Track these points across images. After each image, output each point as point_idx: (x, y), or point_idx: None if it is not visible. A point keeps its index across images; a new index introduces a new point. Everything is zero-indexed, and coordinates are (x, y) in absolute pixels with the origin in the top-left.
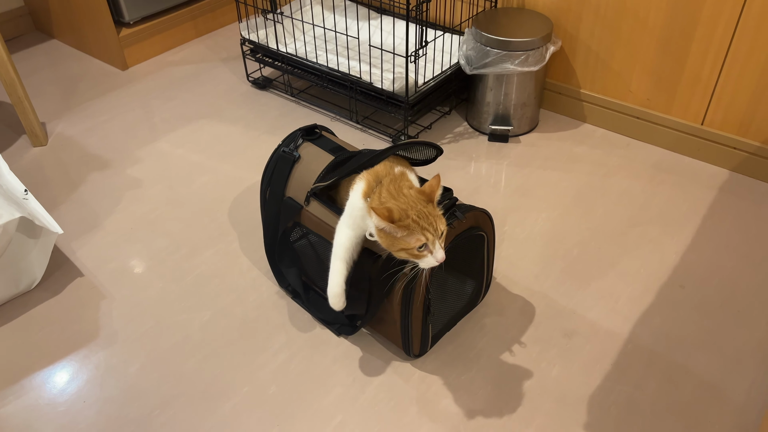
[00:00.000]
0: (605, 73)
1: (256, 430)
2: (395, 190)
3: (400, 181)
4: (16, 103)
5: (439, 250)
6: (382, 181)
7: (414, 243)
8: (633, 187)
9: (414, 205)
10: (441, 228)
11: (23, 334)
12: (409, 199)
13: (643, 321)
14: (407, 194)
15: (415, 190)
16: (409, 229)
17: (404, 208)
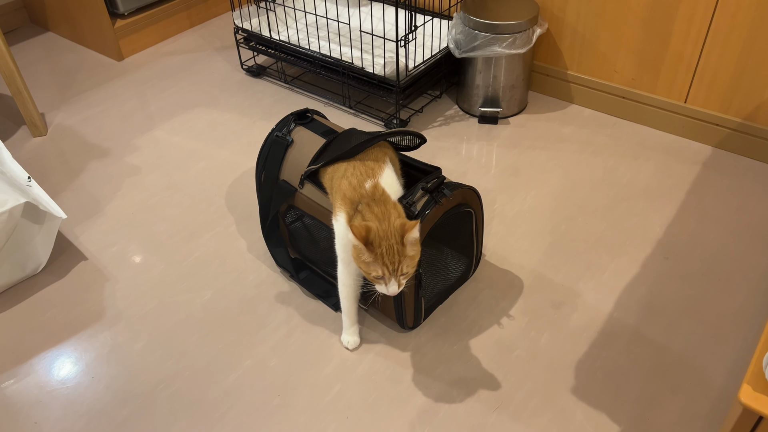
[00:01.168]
0: (591, 54)
1: (258, 400)
2: (382, 214)
3: (386, 204)
4: (16, 94)
5: (393, 285)
6: (362, 202)
7: (372, 271)
8: (619, 165)
9: (388, 239)
10: (404, 270)
11: (31, 315)
12: (389, 230)
13: (629, 291)
14: (392, 223)
15: (399, 222)
16: (374, 258)
17: (381, 237)
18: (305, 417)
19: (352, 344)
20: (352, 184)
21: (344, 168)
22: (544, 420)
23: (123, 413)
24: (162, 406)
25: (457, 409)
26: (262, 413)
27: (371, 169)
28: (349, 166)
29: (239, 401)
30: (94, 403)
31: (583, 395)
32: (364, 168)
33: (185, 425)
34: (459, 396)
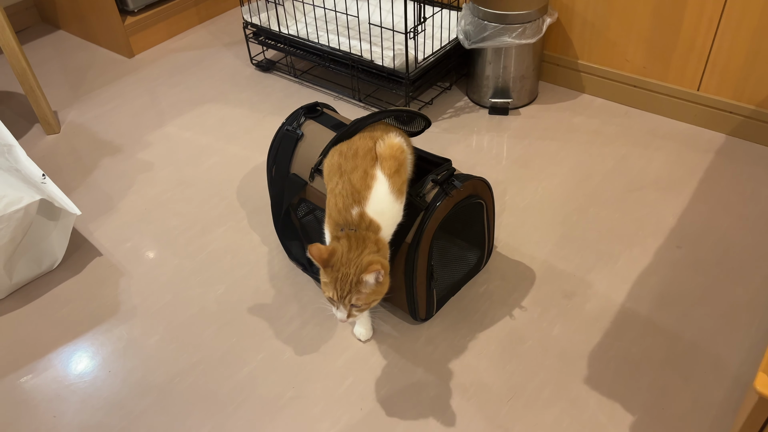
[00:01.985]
0: (601, 43)
1: (272, 392)
2: (357, 245)
3: (367, 239)
4: (29, 92)
5: (341, 312)
6: (345, 228)
7: (325, 291)
8: (631, 154)
9: (348, 267)
10: (354, 302)
11: (48, 311)
12: (353, 260)
13: (641, 280)
14: (360, 256)
15: (367, 259)
16: (329, 280)
17: (342, 263)
18: (319, 409)
19: (364, 336)
20: (338, 206)
21: (336, 180)
22: (557, 410)
23: (140, 406)
24: (178, 398)
25: (470, 401)
26: (276, 405)
27: (358, 193)
28: (341, 181)
29: (253, 393)
30: (111, 397)
31: (596, 385)
32: (352, 190)
33: (201, 417)
34: (471, 387)
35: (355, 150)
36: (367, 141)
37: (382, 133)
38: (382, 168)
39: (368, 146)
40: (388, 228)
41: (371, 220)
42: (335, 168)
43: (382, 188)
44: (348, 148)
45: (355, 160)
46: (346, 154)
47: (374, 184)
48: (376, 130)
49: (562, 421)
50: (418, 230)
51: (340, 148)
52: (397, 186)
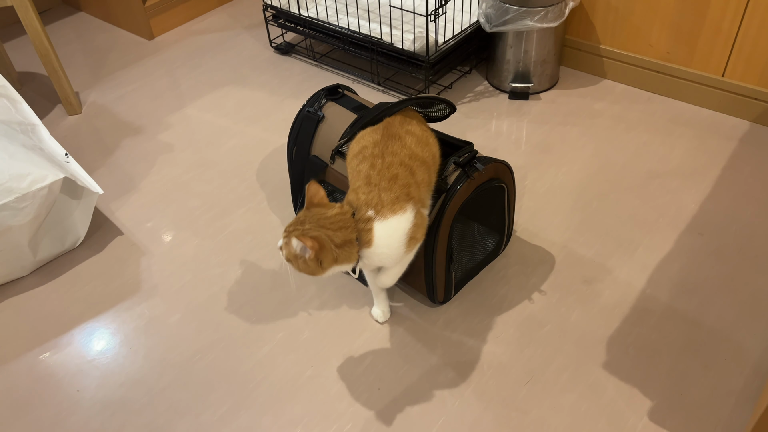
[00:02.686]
0: (625, 27)
1: (291, 371)
2: (334, 222)
3: (346, 225)
4: (51, 73)
5: (280, 240)
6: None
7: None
8: (653, 141)
9: (308, 220)
10: (283, 246)
11: (71, 288)
12: (312, 222)
13: (661, 267)
14: (316, 225)
15: (316, 231)
16: (300, 215)
17: (313, 215)
18: (337, 388)
19: (382, 317)
20: (361, 189)
21: (365, 173)
22: (575, 395)
23: (161, 383)
24: (198, 376)
25: (487, 383)
26: (295, 384)
27: (381, 206)
28: (371, 182)
29: (273, 372)
30: (133, 373)
31: (614, 370)
32: (378, 200)
33: (221, 395)
34: (489, 370)
35: (389, 164)
36: (400, 152)
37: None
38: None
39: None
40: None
41: (372, 231)
42: (366, 162)
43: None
44: (378, 154)
45: (388, 172)
46: (376, 164)
47: (397, 217)
48: (401, 132)
49: (580, 406)
50: (439, 212)
51: (371, 151)
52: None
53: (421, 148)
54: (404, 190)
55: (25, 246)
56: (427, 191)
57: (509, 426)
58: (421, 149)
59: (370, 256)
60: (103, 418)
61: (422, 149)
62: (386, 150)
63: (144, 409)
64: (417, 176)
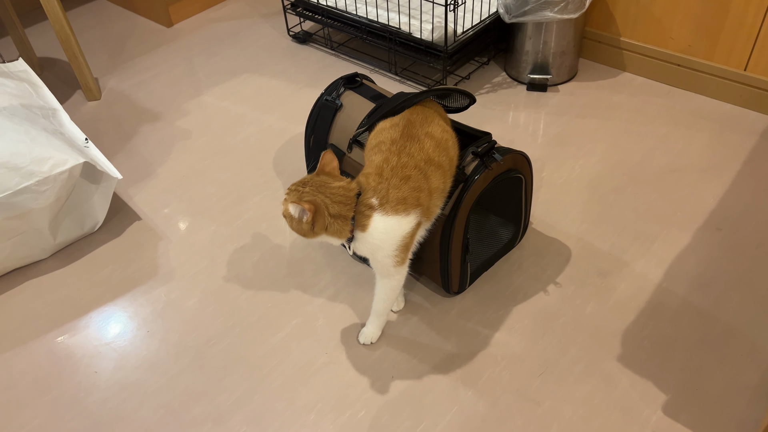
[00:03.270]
0: (646, 19)
1: (306, 357)
2: (340, 194)
3: (346, 197)
4: (72, 58)
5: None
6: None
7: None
8: (671, 134)
9: (311, 183)
10: (284, 203)
11: (89, 271)
12: (314, 187)
13: (678, 262)
14: (314, 191)
15: (311, 196)
16: (307, 177)
17: (315, 181)
18: (351, 375)
19: (395, 307)
20: (372, 176)
21: (380, 159)
22: (589, 386)
23: (177, 365)
24: (213, 360)
25: (501, 374)
26: (309, 370)
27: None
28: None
29: (287, 357)
30: (150, 356)
31: (628, 363)
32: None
33: (236, 379)
34: (503, 361)
35: (404, 164)
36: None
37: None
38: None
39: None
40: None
41: (370, 218)
42: (380, 155)
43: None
44: (397, 151)
45: (403, 172)
46: (391, 160)
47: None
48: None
49: (593, 398)
50: (456, 202)
51: (387, 146)
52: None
53: (438, 153)
54: (414, 194)
55: (46, 229)
56: (440, 198)
57: (522, 416)
58: (439, 154)
59: (363, 240)
60: (120, 399)
61: (440, 154)
62: (403, 150)
63: (160, 391)
64: (431, 182)
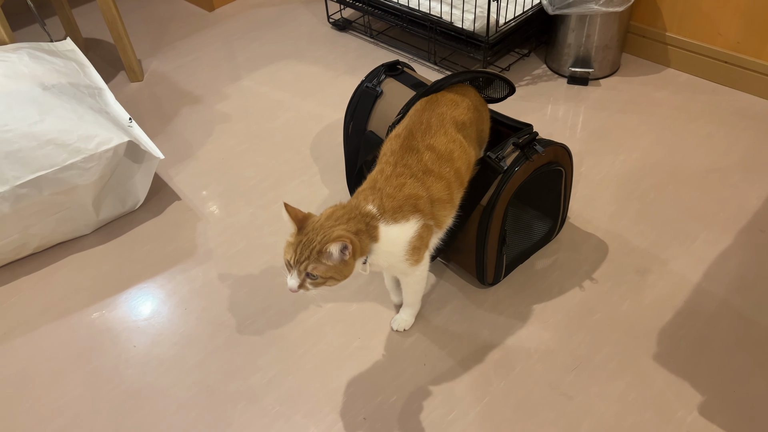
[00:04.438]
0: (693, 15)
1: (339, 341)
2: (337, 216)
3: (352, 212)
4: (117, 40)
5: (293, 279)
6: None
7: (285, 253)
8: (715, 133)
9: (315, 234)
10: (310, 270)
11: (130, 248)
12: (323, 228)
13: (719, 262)
14: (332, 226)
15: (337, 231)
16: (294, 241)
17: (314, 228)
18: (383, 361)
19: (403, 325)
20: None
21: (386, 157)
22: (623, 383)
23: (213, 343)
24: (248, 339)
25: (533, 366)
26: (342, 353)
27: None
28: (387, 166)
29: (321, 340)
30: (187, 332)
31: (664, 362)
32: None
33: (270, 359)
34: (536, 354)
35: (399, 173)
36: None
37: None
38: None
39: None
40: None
41: (377, 229)
42: (377, 167)
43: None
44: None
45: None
46: (386, 170)
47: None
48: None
49: (627, 395)
50: (495, 193)
51: (387, 158)
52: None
53: (439, 165)
54: (410, 201)
55: (89, 205)
56: (447, 209)
57: (554, 410)
58: (440, 166)
59: (377, 251)
60: (158, 374)
61: (441, 166)
62: (400, 161)
63: (196, 368)
64: (432, 191)
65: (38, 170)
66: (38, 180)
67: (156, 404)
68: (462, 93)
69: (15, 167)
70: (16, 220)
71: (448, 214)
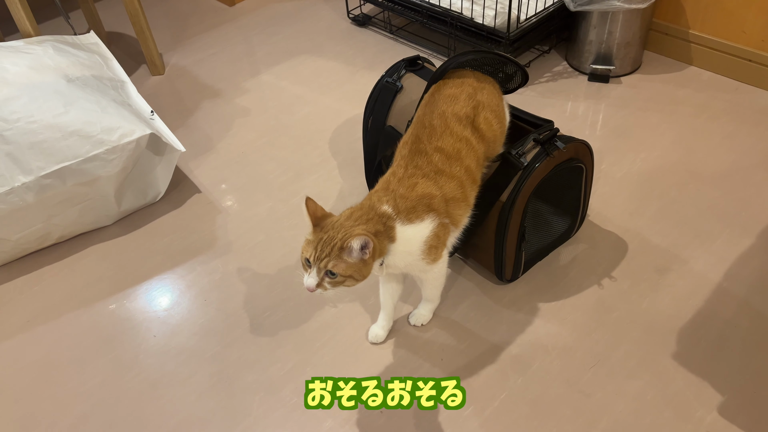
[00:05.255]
0: (717, 12)
1: (356, 334)
2: (355, 215)
3: (371, 212)
4: (139, 33)
5: (312, 277)
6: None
7: (305, 251)
8: (738, 132)
9: (336, 232)
10: (331, 267)
11: (151, 239)
12: (343, 227)
13: (741, 262)
14: (352, 225)
15: (358, 229)
16: (313, 239)
17: (332, 227)
18: (401, 354)
19: (375, 338)
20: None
21: (401, 156)
22: (641, 382)
23: (232, 335)
24: (267, 331)
25: (551, 363)
26: (360, 346)
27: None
28: (399, 167)
29: (339, 333)
30: (206, 323)
31: (684, 361)
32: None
33: (288, 351)
34: (554, 351)
35: (411, 174)
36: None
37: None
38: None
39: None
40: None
41: (394, 229)
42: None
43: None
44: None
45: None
46: (398, 172)
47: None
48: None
49: (646, 394)
50: (515, 189)
51: (397, 162)
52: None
53: (450, 165)
54: (424, 201)
55: (111, 196)
56: (461, 208)
57: (571, 407)
58: (450, 165)
59: (394, 251)
60: (177, 363)
61: (451, 165)
62: (410, 163)
63: (215, 358)
64: (445, 190)
65: (62, 161)
66: (62, 171)
67: (175, 393)
68: (458, 84)
69: (40, 158)
70: (40, 210)
71: (464, 213)
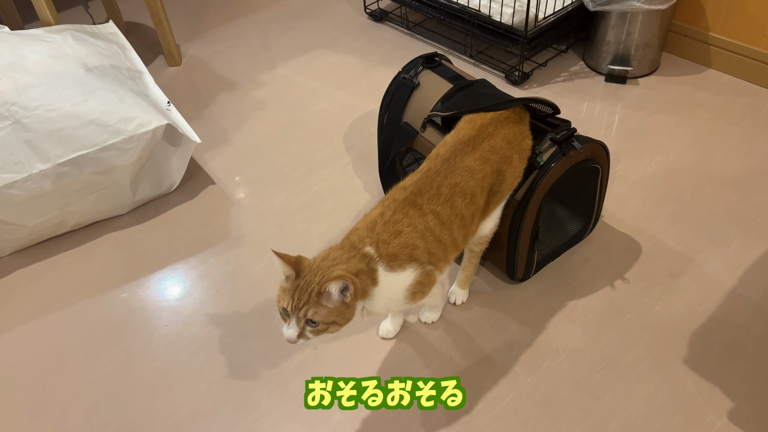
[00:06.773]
0: (739, 15)
1: (367, 330)
2: (335, 256)
3: (351, 251)
4: (157, 24)
5: (291, 328)
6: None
7: (281, 300)
8: (757, 136)
9: (313, 276)
10: (310, 316)
11: (165, 229)
12: (321, 269)
13: (756, 268)
14: (329, 266)
15: (337, 271)
16: (290, 287)
17: (311, 270)
18: (410, 351)
19: (385, 333)
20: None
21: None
22: (651, 385)
23: (243, 326)
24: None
25: (561, 364)
26: (369, 342)
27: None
28: (388, 208)
29: (349, 328)
30: (218, 314)
31: (695, 366)
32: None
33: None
34: (564, 351)
35: (397, 220)
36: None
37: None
38: None
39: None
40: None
41: (377, 272)
42: (377, 209)
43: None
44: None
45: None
46: (386, 214)
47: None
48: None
49: (656, 397)
50: (530, 188)
51: (388, 204)
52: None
53: (441, 229)
54: (406, 251)
55: (127, 185)
56: (442, 262)
57: (581, 408)
58: (441, 230)
59: (377, 296)
60: (189, 353)
61: (442, 230)
62: (399, 210)
63: (226, 349)
64: (429, 246)
65: (80, 149)
66: (79, 159)
67: (186, 383)
68: (484, 157)
69: (58, 146)
70: (57, 198)
71: (444, 267)
